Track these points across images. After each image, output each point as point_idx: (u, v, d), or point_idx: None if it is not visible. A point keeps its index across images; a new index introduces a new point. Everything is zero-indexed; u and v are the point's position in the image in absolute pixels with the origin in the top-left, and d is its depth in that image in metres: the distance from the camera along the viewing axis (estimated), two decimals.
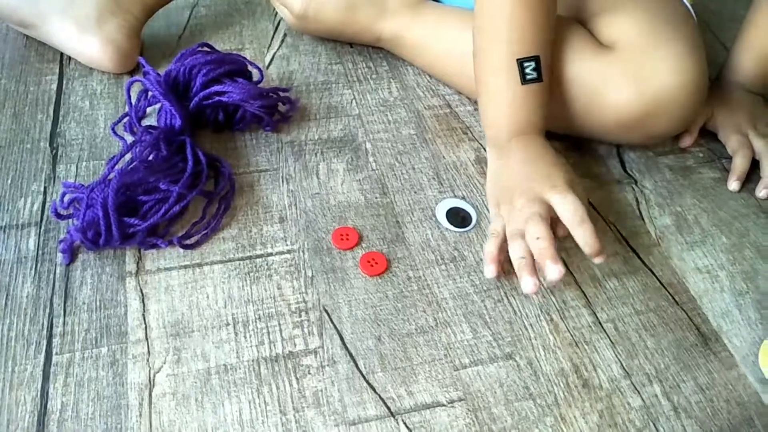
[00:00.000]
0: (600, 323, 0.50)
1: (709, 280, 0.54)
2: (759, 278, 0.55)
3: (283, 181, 0.57)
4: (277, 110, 0.61)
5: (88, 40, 0.63)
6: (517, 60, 0.52)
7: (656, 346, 0.49)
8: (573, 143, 0.63)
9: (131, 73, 0.66)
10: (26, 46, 0.67)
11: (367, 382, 0.45)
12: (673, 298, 0.52)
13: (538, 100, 0.54)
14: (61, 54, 0.67)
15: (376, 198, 0.57)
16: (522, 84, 0.53)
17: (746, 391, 0.47)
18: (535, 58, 0.53)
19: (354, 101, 0.66)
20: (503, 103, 0.54)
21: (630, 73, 0.53)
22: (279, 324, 0.47)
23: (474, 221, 0.55)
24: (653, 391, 0.46)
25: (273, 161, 0.59)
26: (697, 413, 0.45)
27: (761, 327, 0.51)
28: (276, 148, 0.60)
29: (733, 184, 0.61)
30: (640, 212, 0.59)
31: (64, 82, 0.64)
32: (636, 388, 0.46)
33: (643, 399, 0.46)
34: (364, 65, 0.70)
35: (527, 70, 0.52)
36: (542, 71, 0.53)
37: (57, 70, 0.65)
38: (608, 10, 0.57)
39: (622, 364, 0.48)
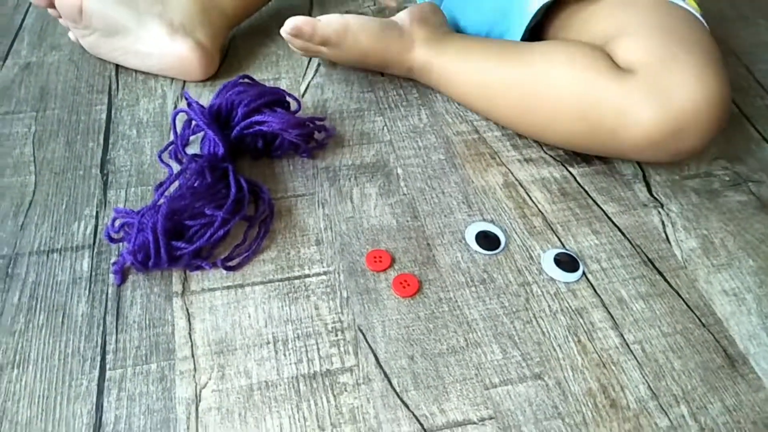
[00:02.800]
0: (627, 344, 0.51)
1: (735, 302, 0.55)
2: None
3: (318, 206, 0.60)
4: (313, 138, 0.64)
5: (179, 43, 0.68)
6: None
7: (683, 368, 0.50)
8: (599, 169, 0.65)
9: (209, 79, 0.71)
10: (77, 77, 0.72)
11: (401, 399, 0.46)
12: (700, 321, 0.53)
13: None
14: (110, 84, 0.71)
15: (408, 221, 0.59)
16: None
17: None
18: None
19: (385, 128, 0.68)
20: None
21: (652, 93, 0.55)
22: (317, 343, 0.49)
23: (503, 244, 0.57)
24: (680, 412, 0.47)
25: (309, 186, 0.61)
26: (725, 431, 0.46)
27: None
28: (312, 174, 0.63)
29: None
30: (666, 235, 0.60)
31: (113, 111, 0.68)
32: (663, 409, 0.47)
33: (670, 419, 0.47)
34: (395, 93, 0.72)
35: None
36: None
37: (106, 101, 0.69)
38: (623, 34, 0.59)
39: (649, 385, 0.49)
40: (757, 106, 0.74)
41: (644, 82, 0.55)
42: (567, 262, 0.56)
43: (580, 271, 0.56)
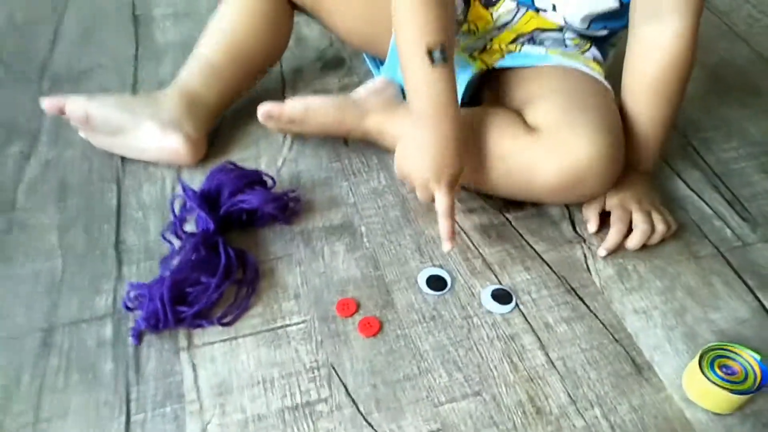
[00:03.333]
0: (552, 361, 0.63)
1: (644, 319, 0.66)
2: (687, 315, 0.67)
3: (295, 265, 0.72)
4: (288, 207, 0.76)
5: (171, 137, 0.81)
6: (426, 46, 0.66)
7: (597, 377, 0.61)
8: (531, 212, 0.77)
9: (200, 162, 0.84)
10: (90, 170, 0.85)
11: (367, 421, 0.58)
12: (613, 336, 0.65)
13: (447, 78, 0.68)
14: (118, 173, 0.84)
15: (370, 272, 0.71)
16: (432, 66, 0.67)
17: (672, 409, 0.59)
18: (441, 45, 0.66)
19: (350, 192, 0.81)
20: (418, 83, 0.68)
21: (553, 151, 0.67)
22: (297, 380, 0.61)
23: (449, 285, 0.69)
24: (594, 414, 0.58)
25: (287, 249, 0.74)
26: (630, 429, 0.57)
27: (687, 356, 0.63)
28: (289, 238, 0.75)
29: (602, 251, 0.72)
30: (588, 266, 0.72)
31: (122, 197, 0.81)
32: (580, 412, 0.59)
33: (585, 420, 0.58)
34: (358, 160, 0.85)
35: (435, 54, 0.66)
36: (448, 56, 0.67)
37: (115, 188, 0.83)
38: (532, 100, 0.72)
39: (569, 393, 0.60)
40: (674, 146, 0.86)
41: (547, 141, 0.68)
42: (502, 296, 0.68)
43: (513, 303, 0.67)
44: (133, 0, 1.20)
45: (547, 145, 0.67)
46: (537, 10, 0.80)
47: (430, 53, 0.67)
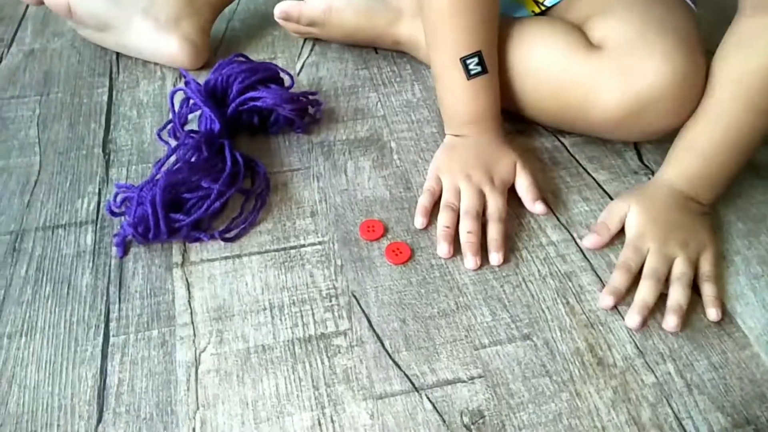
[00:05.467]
0: (615, 306, 0.52)
1: (724, 264, 0.56)
2: None
3: (313, 179, 0.61)
4: (307, 113, 0.65)
5: (167, 38, 0.70)
6: (461, 59, 0.57)
7: None
8: (590, 138, 0.66)
9: (201, 69, 0.72)
10: (79, 62, 0.74)
11: (393, 360, 0.48)
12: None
13: (487, 90, 0.59)
14: (111, 68, 0.73)
15: (401, 192, 0.60)
16: (468, 79, 0.58)
17: (759, 369, 0.49)
18: (477, 54, 0.57)
19: (379, 103, 0.69)
20: (455, 97, 0.60)
21: (617, 74, 0.55)
22: (311, 308, 0.51)
23: None
24: (666, 369, 0.48)
25: (304, 161, 0.63)
26: (709, 390, 0.47)
27: None
28: (307, 149, 0.64)
29: (606, 300, 0.51)
30: None
31: (114, 93, 0.70)
32: (650, 367, 0.49)
33: (656, 376, 0.48)
34: (389, 69, 0.74)
35: (470, 66, 0.58)
36: (486, 63, 0.58)
37: (107, 83, 0.71)
38: (599, 12, 0.60)
39: (636, 344, 0.50)
40: None
41: (610, 62, 0.56)
42: None
43: None
44: None
45: (612, 66, 0.56)
46: None
47: (465, 65, 0.57)
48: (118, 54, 0.74)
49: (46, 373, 0.47)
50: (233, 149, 0.58)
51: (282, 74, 0.64)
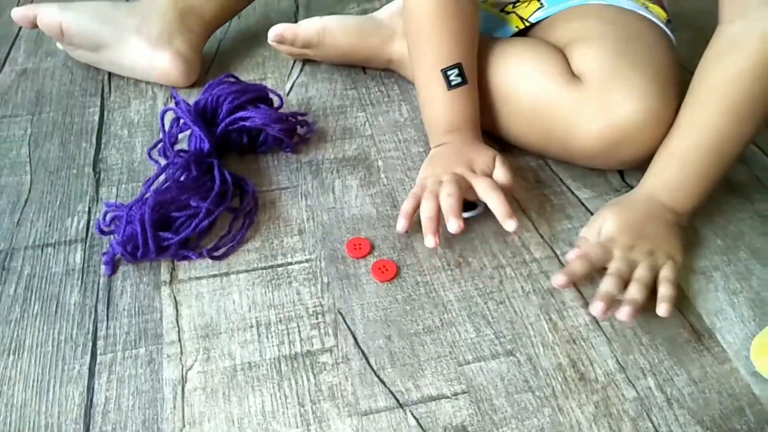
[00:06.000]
0: (597, 322, 0.53)
1: (703, 280, 0.57)
2: (753, 278, 0.57)
3: (301, 197, 0.62)
4: (296, 133, 0.66)
5: (160, 54, 0.71)
6: (441, 70, 0.60)
7: (651, 343, 0.52)
8: None
9: (192, 86, 0.73)
10: (71, 81, 0.75)
11: (378, 377, 0.49)
12: None
13: (467, 101, 0.61)
14: (103, 88, 0.74)
15: (387, 210, 0.61)
16: (449, 90, 0.60)
17: (738, 384, 0.50)
18: (458, 66, 0.60)
19: (367, 123, 0.71)
20: (437, 107, 0.62)
21: (597, 107, 0.57)
22: (298, 326, 0.52)
23: (480, 207, 0.59)
24: (647, 384, 0.49)
25: (293, 179, 0.64)
26: (689, 404, 0.48)
27: (754, 324, 0.54)
28: (295, 168, 0.65)
29: (558, 278, 0.51)
30: None
31: (105, 113, 0.71)
32: (630, 381, 0.49)
33: (637, 391, 0.49)
34: (377, 89, 0.75)
35: (451, 77, 0.60)
36: (466, 74, 0.60)
37: (99, 103, 0.72)
38: (579, 39, 0.61)
39: (617, 359, 0.51)
40: None
41: (590, 95, 0.57)
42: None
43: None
44: None
45: (591, 99, 0.57)
46: None
47: (446, 76, 0.60)
48: (110, 74, 0.75)
49: (33, 391, 0.47)
50: (222, 168, 0.59)
51: (271, 95, 0.65)
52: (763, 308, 0.55)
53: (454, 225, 0.53)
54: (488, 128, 0.66)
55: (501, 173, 0.59)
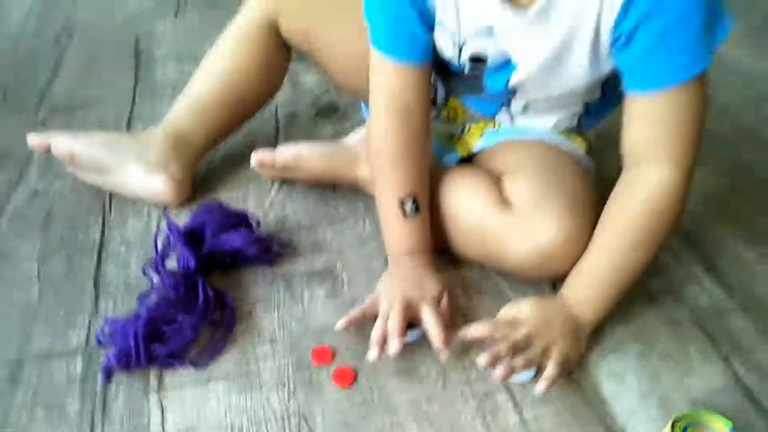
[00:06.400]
0: (525, 421, 0.62)
1: (619, 382, 0.66)
2: (662, 380, 0.66)
3: (274, 309, 0.72)
4: (271, 250, 0.77)
5: (155, 178, 0.82)
6: (399, 200, 0.70)
7: None
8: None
9: (187, 201, 0.85)
10: (77, 202, 0.85)
11: None
12: (587, 399, 0.64)
13: (421, 228, 0.72)
14: (104, 208, 0.85)
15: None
16: (404, 218, 0.71)
17: None
18: (413, 197, 0.71)
19: (334, 238, 0.81)
20: (394, 232, 0.73)
21: (524, 230, 0.68)
22: (266, 428, 0.60)
23: (421, 332, 0.69)
24: None
25: (268, 292, 0.74)
26: None
27: (662, 423, 0.62)
28: (270, 281, 0.75)
29: (464, 332, 0.63)
30: None
31: (106, 230, 0.81)
32: None
33: None
34: (344, 207, 0.86)
35: (407, 208, 0.71)
36: (420, 204, 0.71)
37: (100, 221, 0.83)
38: (510, 171, 0.73)
39: None
40: None
41: (519, 220, 0.68)
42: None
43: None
44: (136, 36, 1.23)
45: (519, 224, 0.68)
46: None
47: (402, 206, 0.71)
48: (111, 195, 0.86)
49: None
50: (206, 285, 0.69)
51: (250, 218, 0.76)
52: (669, 408, 0.64)
53: (393, 346, 0.63)
54: (440, 244, 0.77)
55: (444, 306, 0.69)
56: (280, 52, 0.88)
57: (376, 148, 0.74)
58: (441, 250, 0.77)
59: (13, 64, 1.15)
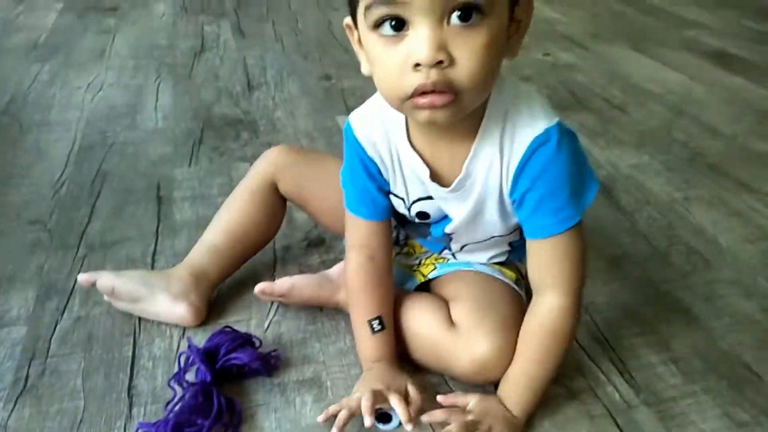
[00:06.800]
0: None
1: None
2: None
3: (272, 412, 0.90)
4: (270, 363, 0.96)
5: (179, 306, 1.02)
6: (368, 321, 0.91)
7: None
8: None
9: (203, 324, 1.04)
10: (113, 325, 1.05)
11: None
12: None
13: (386, 342, 0.92)
14: (135, 330, 1.04)
15: (332, 420, 0.89)
16: (372, 334, 0.91)
17: None
18: (379, 317, 0.91)
19: (321, 351, 1.01)
20: (364, 345, 0.93)
21: (466, 347, 0.88)
22: None
23: (396, 422, 0.87)
24: None
25: (267, 397, 0.92)
26: None
27: None
28: (269, 388, 0.94)
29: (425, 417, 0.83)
30: None
31: (136, 349, 1.01)
32: None
33: None
34: (329, 324, 1.06)
35: (374, 326, 0.90)
36: (385, 323, 0.90)
37: (131, 341, 1.02)
38: (455, 297, 0.95)
39: None
40: None
41: (461, 338, 0.89)
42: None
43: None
44: (158, 182, 1.48)
45: (461, 341, 0.89)
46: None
47: (371, 325, 0.91)
48: (140, 318, 1.06)
49: None
50: (219, 395, 0.88)
51: (254, 339, 0.97)
52: None
53: (367, 421, 0.81)
54: (404, 354, 0.97)
55: (411, 392, 0.88)
56: (278, 204, 1.13)
57: (350, 280, 0.96)
58: (406, 358, 0.97)
59: (55, 205, 1.39)
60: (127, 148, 1.63)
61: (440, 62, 0.68)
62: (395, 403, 0.84)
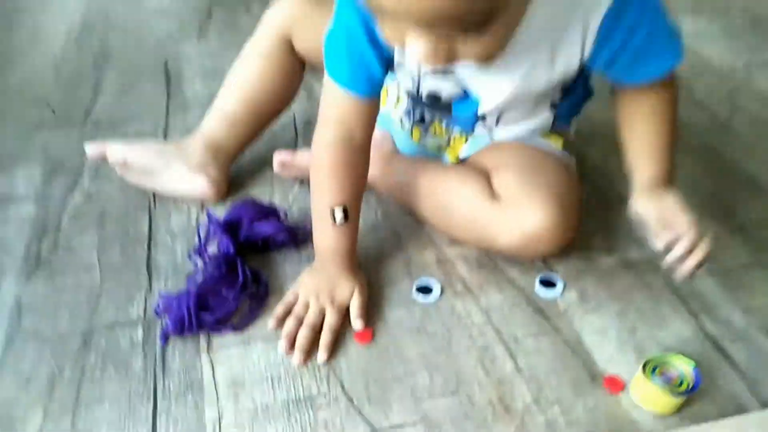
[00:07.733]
0: (519, 368, 0.73)
1: (600, 336, 0.77)
2: (638, 333, 0.77)
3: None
4: (297, 236, 0.88)
5: (197, 179, 0.94)
6: (330, 208, 0.77)
7: (558, 382, 0.71)
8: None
9: (218, 201, 0.96)
10: (126, 202, 0.98)
11: (359, 411, 0.68)
12: (573, 350, 0.75)
13: (347, 235, 0.79)
14: (149, 205, 0.97)
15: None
16: (334, 225, 0.78)
17: (621, 410, 0.69)
18: (343, 207, 0.77)
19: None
20: (323, 236, 0.80)
21: (511, 219, 0.78)
22: (300, 377, 0.71)
23: (437, 293, 0.80)
24: (554, 411, 0.68)
25: (295, 269, 0.85)
26: (584, 424, 0.67)
27: (637, 367, 0.73)
28: (297, 261, 0.87)
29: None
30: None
31: (153, 225, 0.94)
32: (542, 410, 0.69)
33: (546, 417, 0.68)
34: None
35: (336, 215, 0.77)
36: (350, 214, 0.78)
37: (147, 217, 0.95)
38: (496, 168, 0.84)
39: (532, 395, 0.70)
40: None
41: (506, 210, 0.79)
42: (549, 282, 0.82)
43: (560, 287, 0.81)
44: (166, 60, 1.36)
45: (506, 214, 0.79)
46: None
47: (333, 214, 0.77)
48: (155, 194, 0.98)
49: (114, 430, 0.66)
50: (244, 266, 0.81)
51: (279, 210, 0.88)
52: (644, 355, 0.74)
53: (321, 357, 0.72)
54: (440, 231, 0.88)
55: (356, 303, 0.78)
56: (295, 65, 0.98)
57: (318, 158, 0.79)
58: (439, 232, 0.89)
59: (58, 84, 1.28)
60: (131, 26, 1.50)
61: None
62: (326, 329, 0.75)
